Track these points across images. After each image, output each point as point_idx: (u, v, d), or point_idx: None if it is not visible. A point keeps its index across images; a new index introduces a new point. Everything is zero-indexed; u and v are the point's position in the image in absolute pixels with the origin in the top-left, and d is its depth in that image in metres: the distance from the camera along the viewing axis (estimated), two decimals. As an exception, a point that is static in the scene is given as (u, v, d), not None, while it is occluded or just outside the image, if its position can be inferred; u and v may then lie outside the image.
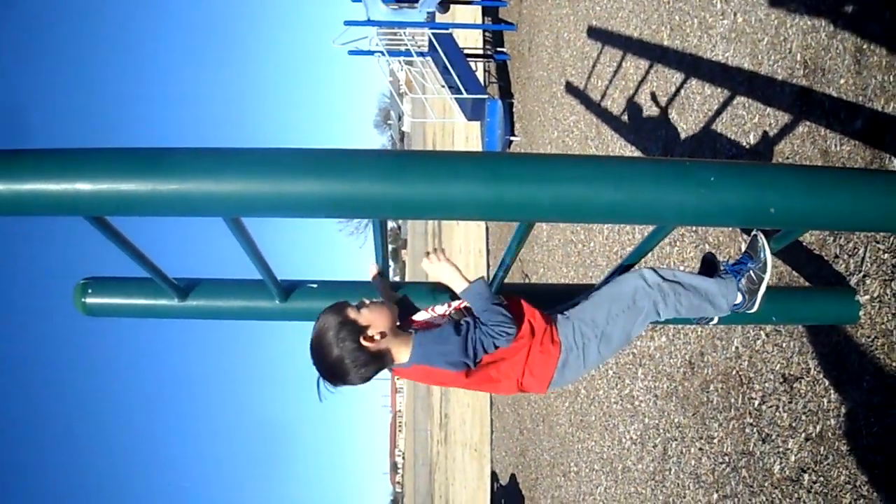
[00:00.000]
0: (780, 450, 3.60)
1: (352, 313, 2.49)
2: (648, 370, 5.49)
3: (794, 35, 3.79)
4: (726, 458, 4.12)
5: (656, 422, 5.26)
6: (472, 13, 16.15)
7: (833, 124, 3.36)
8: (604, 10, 7.23)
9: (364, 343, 2.47)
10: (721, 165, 1.92)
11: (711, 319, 2.87)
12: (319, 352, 2.50)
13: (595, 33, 7.57)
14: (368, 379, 2.58)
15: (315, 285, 3.01)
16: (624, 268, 2.72)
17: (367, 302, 2.55)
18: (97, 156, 1.82)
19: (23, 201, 1.81)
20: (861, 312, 3.04)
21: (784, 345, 3.65)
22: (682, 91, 5.13)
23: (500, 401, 13.13)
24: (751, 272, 2.74)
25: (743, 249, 2.85)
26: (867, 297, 3.03)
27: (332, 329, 2.47)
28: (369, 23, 12.30)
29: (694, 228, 4.87)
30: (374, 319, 2.50)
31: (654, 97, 5.76)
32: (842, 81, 3.32)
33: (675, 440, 4.88)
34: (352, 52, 13.76)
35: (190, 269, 3.16)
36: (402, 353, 2.55)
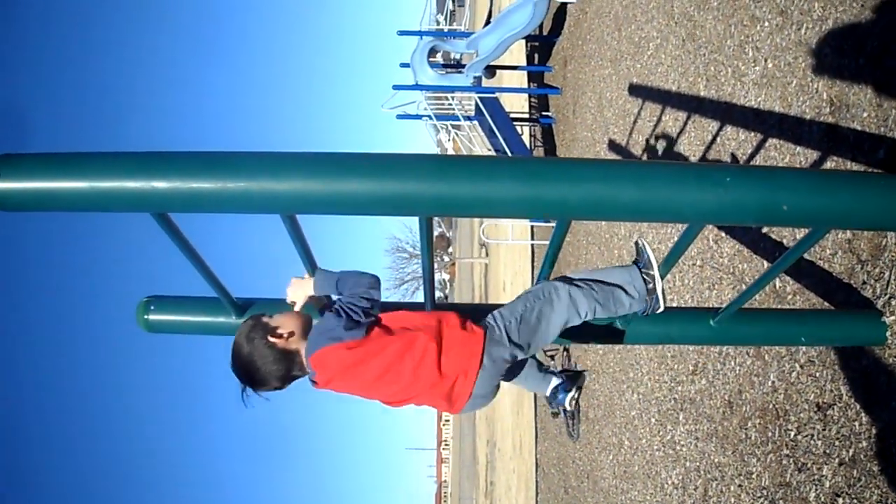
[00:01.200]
0: (816, 477, 3.66)
1: (264, 317, 2.75)
2: (689, 414, 5.55)
3: (820, 75, 3.96)
4: (764, 492, 4.17)
5: (697, 464, 5.31)
6: (518, 78, 16.51)
7: (858, 157, 3.51)
8: (644, 68, 7.46)
9: (272, 340, 2.69)
10: (736, 168, 2.10)
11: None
12: (234, 352, 2.74)
13: (636, 90, 7.80)
14: (282, 380, 2.76)
15: None
16: None
17: (280, 310, 2.83)
18: (171, 157, 2.05)
19: (103, 198, 2.04)
20: (888, 333, 3.14)
21: (818, 374, 3.74)
22: (718, 138, 5.30)
23: (545, 462, 13.07)
24: (642, 273, 2.88)
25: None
26: (893, 317, 3.14)
27: (245, 331, 2.73)
28: (417, 87, 12.65)
29: (731, 270, 4.99)
30: (283, 321, 2.75)
31: (691, 147, 5.93)
32: (864, 115, 3.48)
33: (716, 480, 4.92)
34: (400, 117, 14.14)
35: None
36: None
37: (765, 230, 4.54)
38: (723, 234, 5.17)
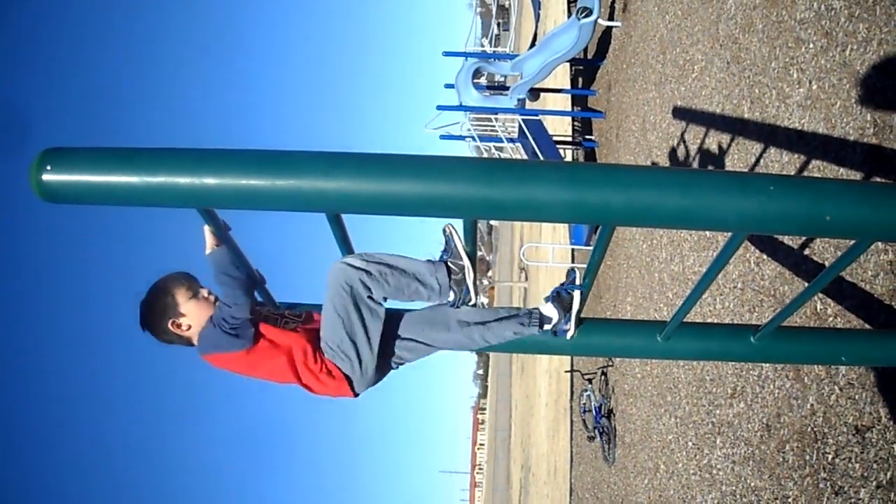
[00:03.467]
0: (852, 501, 3.63)
1: (181, 298, 2.92)
2: (727, 438, 5.51)
3: (864, 96, 3.96)
4: (801, 516, 4.14)
5: (733, 488, 5.26)
6: (562, 101, 16.54)
7: (901, 177, 3.51)
8: (688, 90, 7.47)
9: (170, 327, 2.93)
10: (780, 177, 2.10)
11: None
12: (145, 301, 2.97)
13: (680, 113, 7.80)
14: (163, 343, 3.02)
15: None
16: None
17: (206, 294, 2.96)
18: (222, 154, 2.11)
19: (153, 192, 2.10)
20: (930, 354, 3.11)
21: (857, 397, 3.71)
22: (762, 161, 5.29)
23: (580, 487, 12.99)
24: (447, 262, 2.79)
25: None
26: (935, 339, 3.11)
27: (161, 297, 2.94)
28: (461, 108, 12.71)
29: (772, 293, 4.97)
30: (194, 315, 2.94)
31: (734, 169, 5.92)
32: (909, 135, 3.48)
33: (752, 504, 4.89)
34: (443, 137, 14.22)
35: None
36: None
37: (806, 251, 4.52)
38: (764, 257, 5.15)
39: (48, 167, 2.08)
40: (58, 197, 2.16)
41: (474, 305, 2.85)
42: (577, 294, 2.81)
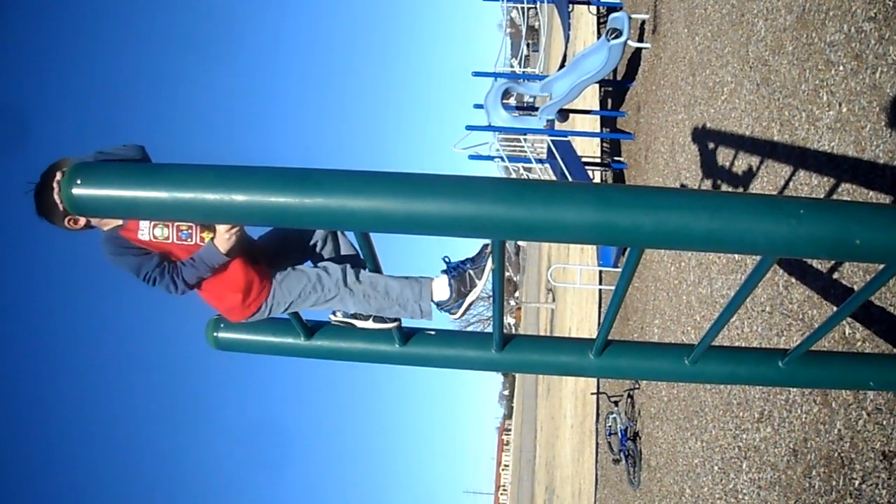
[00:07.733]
0: (880, 528, 3.59)
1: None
2: (753, 462, 5.46)
3: (894, 119, 3.94)
4: (828, 543, 4.09)
5: (759, 514, 5.22)
6: (591, 122, 16.52)
7: (932, 201, 3.48)
8: (717, 112, 7.45)
9: (67, 224, 2.94)
10: (810, 200, 2.09)
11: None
12: (39, 190, 2.88)
13: (709, 136, 7.77)
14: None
15: (433, 332, 3.24)
16: None
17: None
18: (251, 171, 2.13)
19: (182, 208, 2.12)
20: (959, 380, 3.07)
21: (884, 422, 3.67)
22: (791, 184, 5.27)
23: (605, 510, 12.91)
24: (469, 273, 2.96)
25: None
26: (964, 364, 3.08)
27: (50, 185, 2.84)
28: (490, 128, 12.74)
29: (800, 317, 4.93)
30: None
31: (763, 191, 5.89)
32: (939, 160, 3.45)
33: (778, 530, 4.83)
34: (472, 157, 14.25)
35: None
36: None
37: (835, 275, 4.49)
38: (793, 280, 5.12)
39: (78, 181, 2.11)
40: (87, 210, 2.19)
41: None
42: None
